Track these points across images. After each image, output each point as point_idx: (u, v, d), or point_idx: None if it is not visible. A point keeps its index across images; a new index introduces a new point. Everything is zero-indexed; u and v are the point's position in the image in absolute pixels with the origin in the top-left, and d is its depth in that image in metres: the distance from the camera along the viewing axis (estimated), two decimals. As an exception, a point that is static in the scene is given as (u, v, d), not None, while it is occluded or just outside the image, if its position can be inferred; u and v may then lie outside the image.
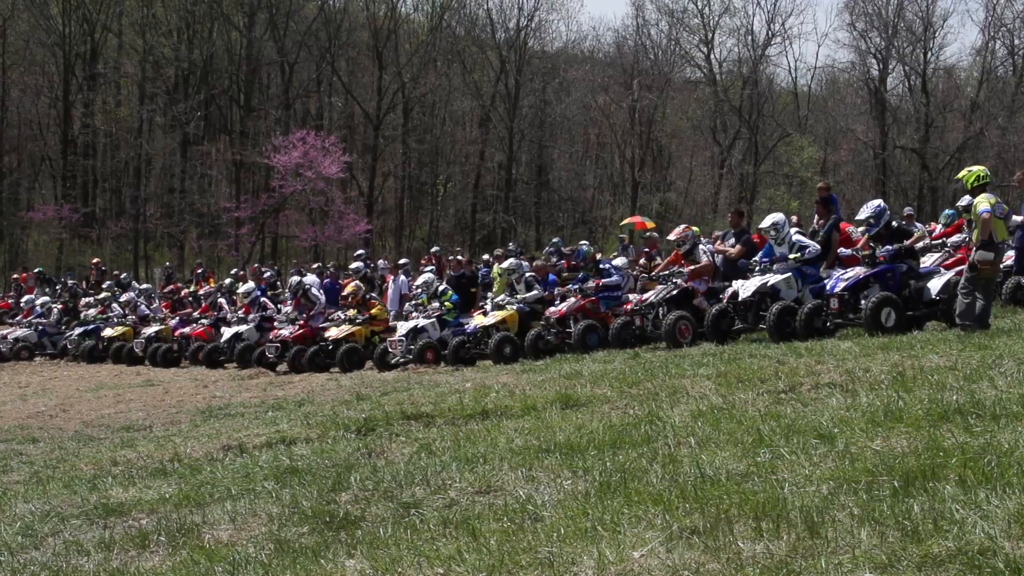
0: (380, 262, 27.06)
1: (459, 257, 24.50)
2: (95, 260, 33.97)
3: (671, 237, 17.14)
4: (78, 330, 26.05)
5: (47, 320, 27.59)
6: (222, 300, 23.97)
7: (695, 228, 17.81)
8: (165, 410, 15.13)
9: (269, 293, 23.68)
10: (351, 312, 19.91)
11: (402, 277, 22.51)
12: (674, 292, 15.63)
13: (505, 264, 19.17)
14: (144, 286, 28.50)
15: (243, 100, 51.22)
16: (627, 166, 55.78)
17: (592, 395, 9.27)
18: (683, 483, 5.40)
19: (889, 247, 13.24)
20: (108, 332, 24.87)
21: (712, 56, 56.55)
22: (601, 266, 17.73)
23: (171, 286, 28.35)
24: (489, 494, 5.84)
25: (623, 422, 7.57)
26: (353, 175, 49.72)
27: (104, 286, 28.31)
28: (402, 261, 24.94)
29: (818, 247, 14.50)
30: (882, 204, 13.76)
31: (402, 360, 18.11)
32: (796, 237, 14.57)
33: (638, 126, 54.25)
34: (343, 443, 8.31)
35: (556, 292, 17.55)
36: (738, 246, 16.12)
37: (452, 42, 56.24)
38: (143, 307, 25.25)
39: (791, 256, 14.15)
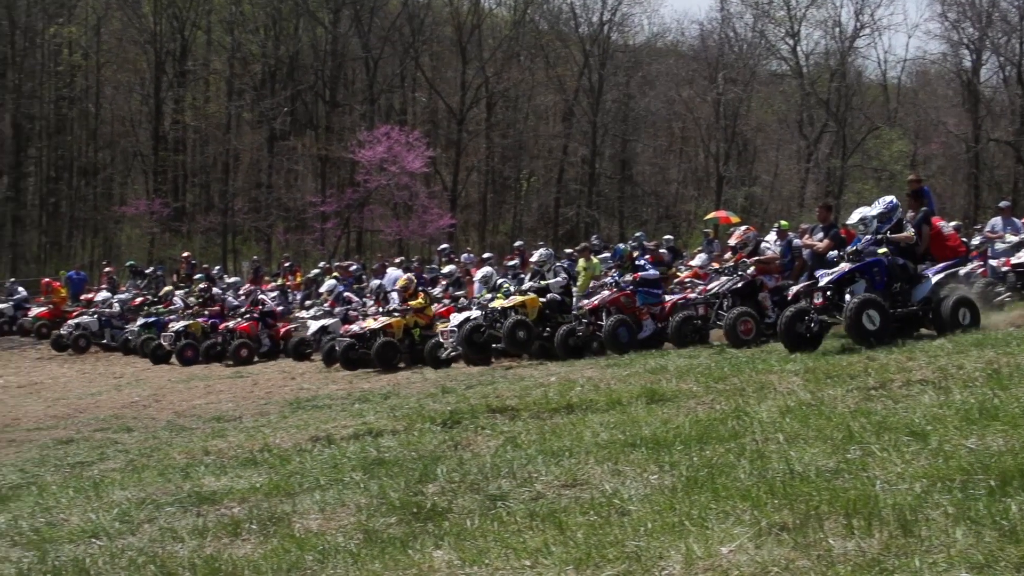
0: (463, 256, 27.18)
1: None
2: (185, 254, 34.44)
3: (731, 242, 16.68)
4: (140, 322, 25.76)
5: (111, 311, 27.72)
6: (263, 296, 23.91)
7: (783, 222, 17.54)
8: (254, 401, 15.40)
9: (355, 287, 23.88)
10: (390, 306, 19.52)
11: (486, 268, 22.52)
12: (739, 284, 15.32)
13: (535, 256, 18.74)
14: (232, 279, 28.84)
15: (328, 95, 51.77)
16: (711, 160, 55.27)
17: (678, 390, 9.23)
18: (771, 479, 5.36)
19: (869, 238, 12.67)
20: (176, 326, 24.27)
21: (799, 48, 55.72)
22: (637, 262, 17.17)
23: (204, 284, 28.23)
24: (575, 487, 5.85)
25: (709, 417, 7.53)
26: (437, 170, 50.00)
27: (196, 278, 28.66)
28: (486, 255, 25.00)
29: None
30: (894, 200, 13.10)
31: (453, 353, 17.78)
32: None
33: (723, 120, 53.70)
34: (429, 435, 8.37)
35: (592, 285, 17.11)
36: (826, 240, 15.87)
37: (535, 36, 56.16)
38: (231, 300, 25.47)
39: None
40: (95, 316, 27.66)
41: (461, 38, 51.96)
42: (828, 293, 12.42)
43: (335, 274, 25.38)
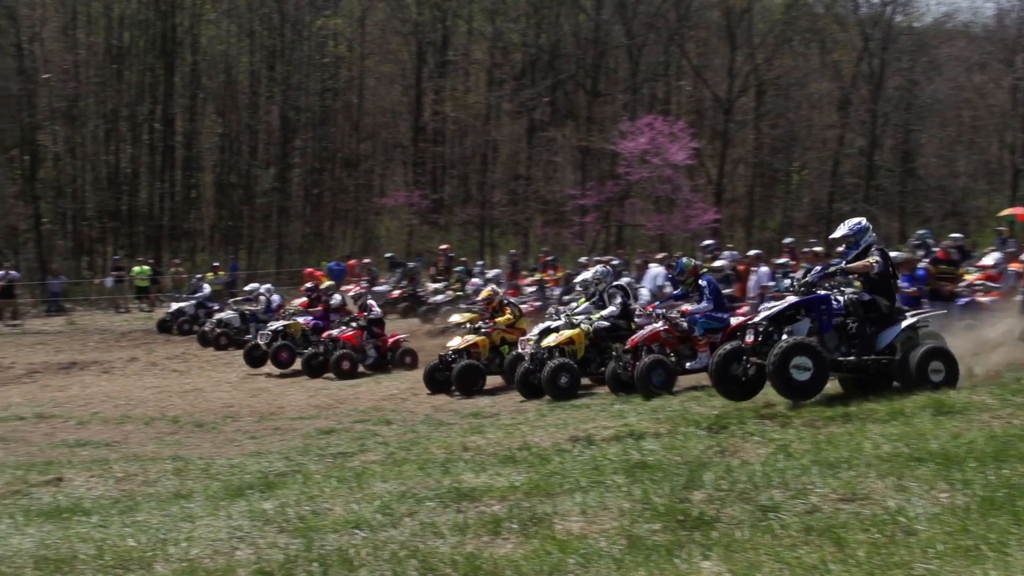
0: (725, 253, 26.45)
1: (815, 249, 23.53)
2: (443, 246, 34.38)
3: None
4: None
5: (255, 307, 25.69)
6: (371, 302, 21.82)
7: None
8: (511, 398, 15.52)
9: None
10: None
11: (763, 268, 21.67)
12: None
13: (589, 274, 16.96)
14: (493, 272, 28.88)
15: (590, 85, 51.68)
16: (1006, 151, 51.96)
17: (969, 402, 8.70)
18: (1084, 505, 4.89)
19: (819, 268, 10.87)
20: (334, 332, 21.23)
21: (1116, 25, 51.33)
22: (700, 282, 14.61)
23: (311, 283, 26.19)
24: (855, 502, 5.59)
25: (1007, 433, 7.07)
26: (701, 162, 49.13)
27: (456, 271, 29.01)
28: (752, 252, 24.23)
29: None
30: (863, 222, 10.97)
31: None
32: None
33: (1020, 107, 50.29)
34: (694, 440, 8.22)
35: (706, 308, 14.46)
36: None
37: (810, 20, 54.08)
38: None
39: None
40: (237, 313, 25.81)
41: (730, 23, 50.79)
42: (764, 330, 10.38)
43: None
